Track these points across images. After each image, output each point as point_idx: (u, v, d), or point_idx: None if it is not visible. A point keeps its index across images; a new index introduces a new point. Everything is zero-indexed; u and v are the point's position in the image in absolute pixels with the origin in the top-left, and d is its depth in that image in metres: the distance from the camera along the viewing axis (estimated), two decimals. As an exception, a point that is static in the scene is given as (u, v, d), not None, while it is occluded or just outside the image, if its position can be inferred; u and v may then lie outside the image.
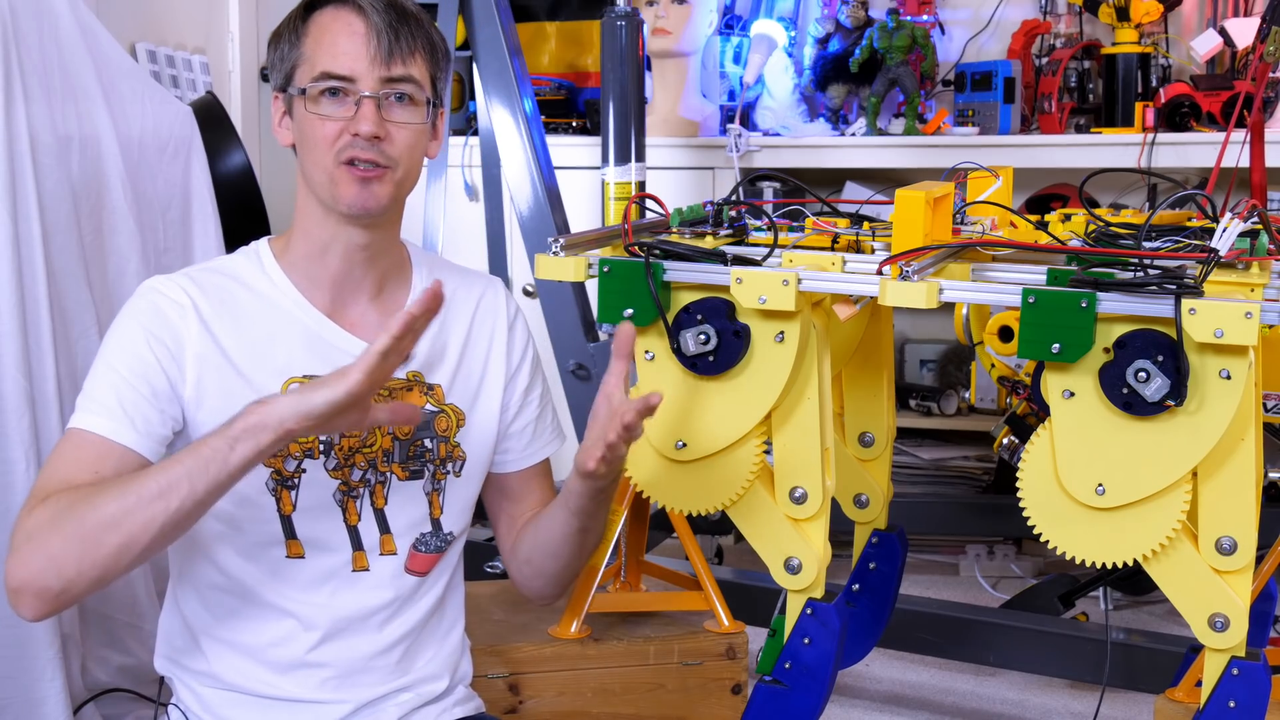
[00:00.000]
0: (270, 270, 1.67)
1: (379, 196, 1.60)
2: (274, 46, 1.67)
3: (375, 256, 1.67)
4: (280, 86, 1.65)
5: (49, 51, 2.40)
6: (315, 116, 1.60)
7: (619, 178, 3.17)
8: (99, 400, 1.56)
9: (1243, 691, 1.65)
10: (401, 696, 1.69)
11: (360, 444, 1.65)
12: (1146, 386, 1.56)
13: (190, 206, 2.71)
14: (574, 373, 3.11)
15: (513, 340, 1.79)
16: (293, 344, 1.63)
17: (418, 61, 1.62)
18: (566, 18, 4.04)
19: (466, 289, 1.77)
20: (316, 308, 1.65)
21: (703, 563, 2.20)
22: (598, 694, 2.10)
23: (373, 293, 1.68)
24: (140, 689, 2.55)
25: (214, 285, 1.64)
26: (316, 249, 1.65)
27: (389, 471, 1.67)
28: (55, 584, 1.43)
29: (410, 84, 1.61)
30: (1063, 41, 3.90)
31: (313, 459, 1.63)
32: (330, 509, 1.64)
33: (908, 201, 1.67)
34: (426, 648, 1.72)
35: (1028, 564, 3.75)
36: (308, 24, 1.63)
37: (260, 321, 1.63)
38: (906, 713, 2.94)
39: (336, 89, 1.59)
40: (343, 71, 1.59)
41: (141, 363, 1.58)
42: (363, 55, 1.59)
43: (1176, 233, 1.85)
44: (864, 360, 2.12)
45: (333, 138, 1.59)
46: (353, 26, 1.60)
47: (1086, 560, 1.66)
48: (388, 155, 1.60)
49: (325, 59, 1.60)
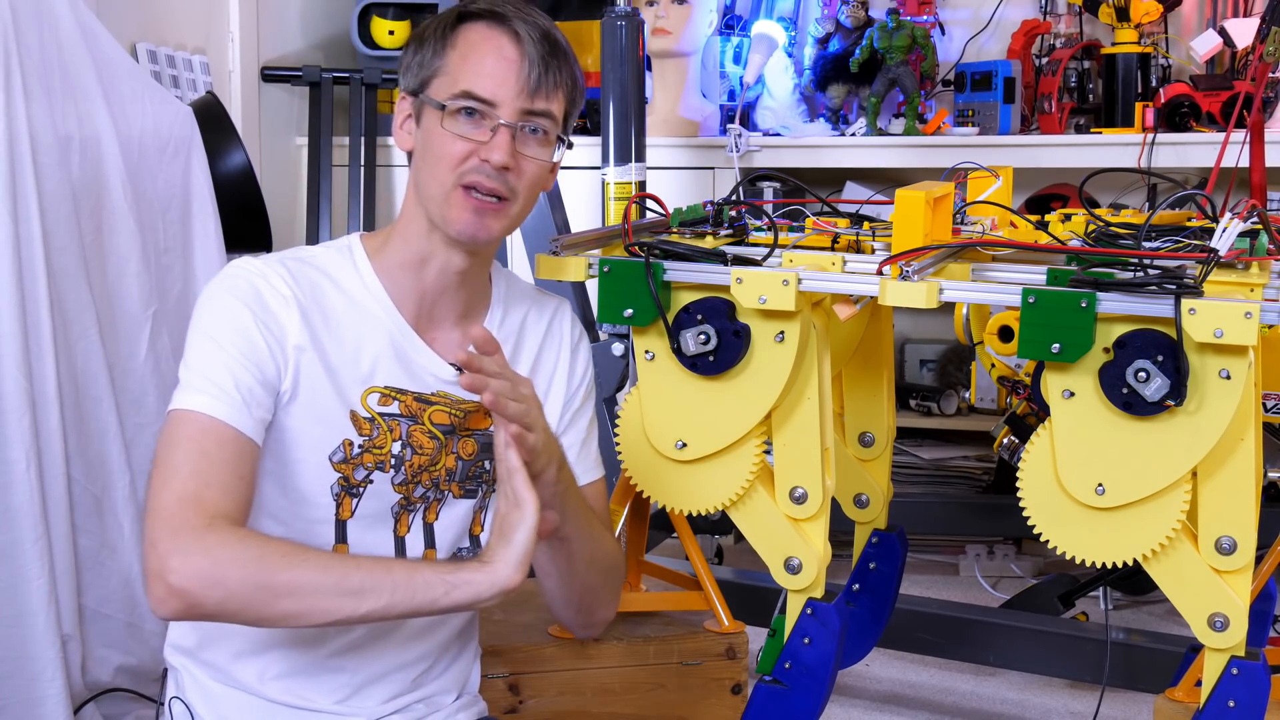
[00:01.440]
0: (364, 272, 1.62)
1: (490, 229, 1.57)
2: (416, 47, 1.60)
3: (468, 281, 1.63)
4: (413, 90, 1.59)
5: (49, 51, 2.40)
6: (447, 133, 1.55)
7: (619, 178, 3.17)
8: (214, 381, 1.50)
9: (1242, 691, 1.65)
10: (412, 711, 1.68)
11: (429, 463, 1.63)
12: (1146, 386, 1.57)
13: (190, 206, 2.71)
14: (574, 373, 3.11)
15: (575, 364, 1.75)
16: (379, 353, 1.60)
17: (559, 98, 1.58)
18: (566, 18, 4.04)
19: (538, 313, 1.73)
20: (404, 318, 1.61)
21: (703, 563, 2.20)
22: (598, 694, 2.10)
23: (458, 316, 1.65)
24: (140, 689, 2.55)
25: (308, 279, 1.59)
26: (415, 260, 1.60)
27: (448, 490, 1.65)
28: (212, 606, 1.42)
29: (548, 119, 1.57)
30: (1063, 41, 3.90)
31: (382, 472, 1.60)
32: (384, 519, 1.62)
33: (908, 201, 1.67)
34: (443, 664, 1.71)
35: (1028, 564, 3.75)
36: (456, 35, 1.57)
37: (349, 324, 1.59)
38: (906, 713, 2.93)
39: (475, 110, 1.55)
40: (486, 95, 1.54)
41: (252, 346, 1.52)
42: (510, 82, 1.54)
43: (1176, 233, 1.86)
44: (864, 360, 2.12)
45: (460, 158, 1.54)
46: (504, 51, 1.55)
47: (1086, 560, 1.67)
48: (510, 187, 1.56)
49: (470, 77, 1.55)
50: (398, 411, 1.60)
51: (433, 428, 1.62)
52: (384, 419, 1.59)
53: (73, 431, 2.42)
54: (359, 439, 1.58)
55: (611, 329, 3.09)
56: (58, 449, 2.36)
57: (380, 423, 1.59)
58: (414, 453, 1.61)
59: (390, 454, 1.60)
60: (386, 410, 1.59)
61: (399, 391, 1.60)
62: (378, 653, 1.64)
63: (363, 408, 1.58)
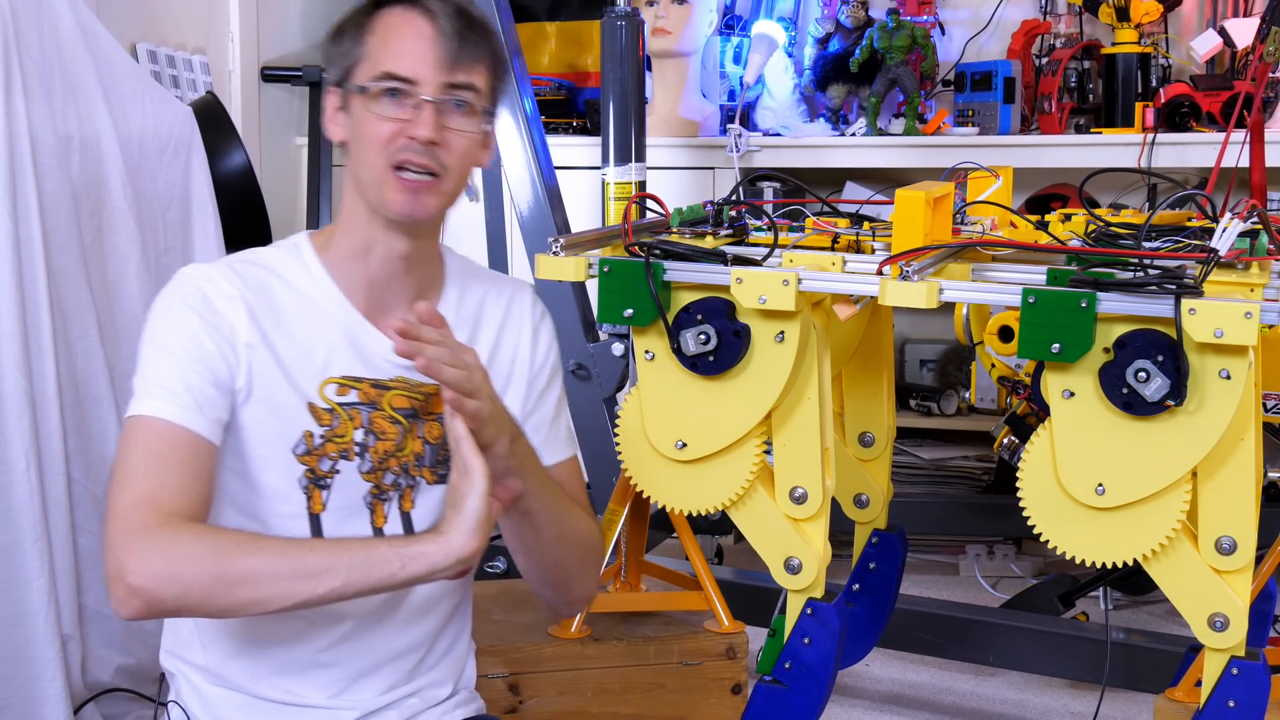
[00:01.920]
0: (311, 266, 1.64)
1: (428, 206, 1.59)
2: (335, 40, 1.63)
3: (415, 264, 1.65)
4: (337, 81, 1.62)
5: (49, 51, 2.40)
6: (373, 115, 1.57)
7: (619, 178, 3.17)
8: (166, 386, 1.53)
9: (1242, 691, 1.65)
10: (407, 703, 1.68)
11: (395, 448, 1.64)
12: (1146, 386, 1.57)
13: (190, 206, 2.71)
14: (574, 373, 3.11)
15: (537, 343, 1.76)
16: (332, 344, 1.62)
17: (481, 70, 1.60)
18: (566, 18, 4.04)
19: (497, 294, 1.75)
20: (356, 308, 1.64)
21: (703, 563, 2.20)
22: (598, 694, 2.10)
23: (410, 299, 1.66)
24: (140, 689, 2.55)
25: (255, 278, 1.62)
26: (359, 249, 1.63)
27: (419, 476, 1.66)
28: (171, 602, 1.45)
29: (471, 92, 1.59)
30: (1063, 41, 3.90)
31: (348, 460, 1.62)
32: (359, 511, 1.63)
33: (908, 201, 1.67)
34: (436, 655, 1.71)
35: (1028, 564, 3.75)
36: (373, 21, 1.61)
37: (300, 319, 1.62)
38: (906, 713, 2.94)
39: (397, 90, 1.57)
40: (406, 73, 1.57)
41: (200, 349, 1.55)
42: (428, 59, 1.57)
43: (1176, 233, 1.86)
44: (864, 360, 2.12)
45: (387, 138, 1.57)
46: (420, 29, 1.58)
47: (1086, 560, 1.67)
48: (441, 162, 1.58)
49: (389, 59, 1.58)
50: (357, 400, 1.62)
51: (393, 412, 1.64)
52: (343, 408, 1.61)
53: (73, 431, 2.42)
54: (319, 429, 1.60)
55: (611, 329, 3.09)
56: (58, 449, 2.36)
57: (340, 412, 1.61)
58: (377, 439, 1.62)
59: (354, 442, 1.61)
60: (345, 400, 1.62)
61: (355, 380, 1.62)
62: (368, 646, 1.64)
63: (321, 399, 1.60)
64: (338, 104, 1.63)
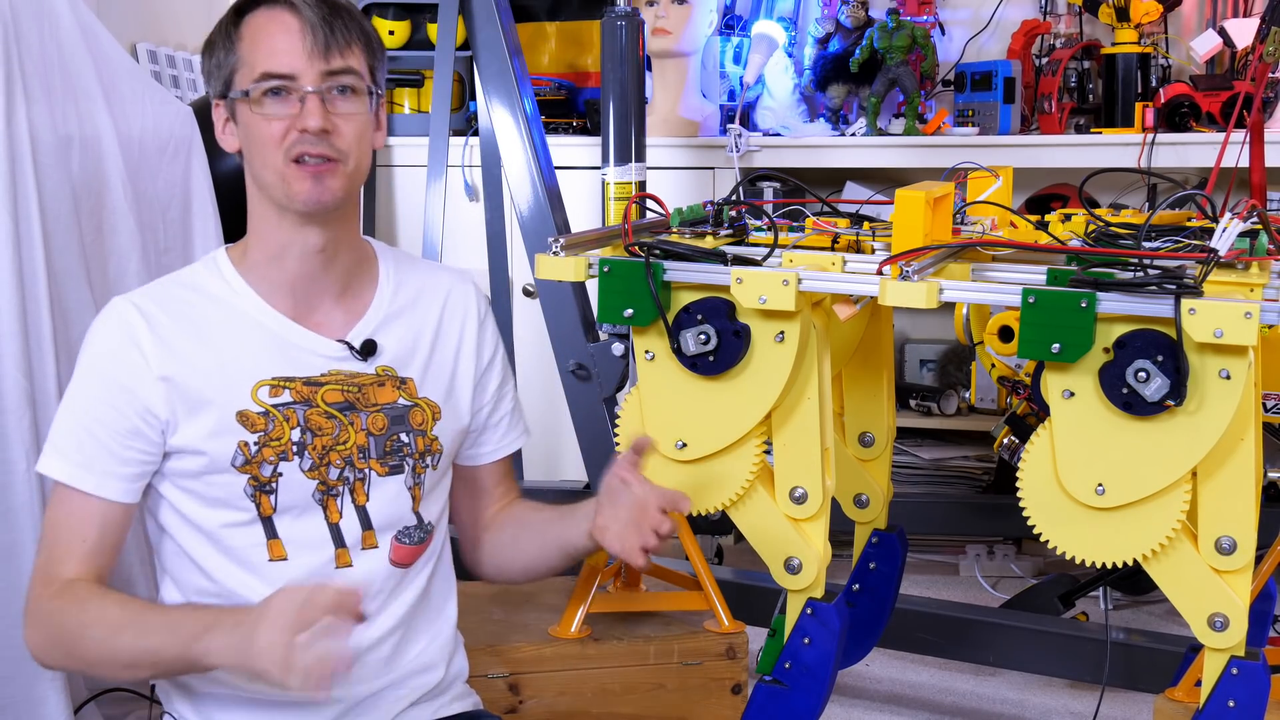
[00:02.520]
0: (230, 278, 1.67)
1: (333, 190, 1.61)
2: (209, 54, 1.67)
3: (334, 256, 1.67)
4: (220, 93, 1.65)
5: (49, 51, 2.40)
6: (260, 117, 1.60)
7: (619, 178, 3.17)
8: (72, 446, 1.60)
9: (1242, 691, 1.65)
10: (394, 693, 1.69)
11: (334, 442, 1.65)
12: (1146, 386, 1.57)
13: (190, 206, 2.71)
14: (574, 373, 3.11)
15: (483, 336, 1.80)
16: (258, 349, 1.64)
17: (355, 53, 1.62)
18: (566, 18, 4.04)
19: (434, 283, 1.78)
20: (280, 312, 1.66)
21: (703, 563, 2.20)
22: (598, 694, 2.10)
23: (337, 292, 1.68)
24: (140, 689, 2.55)
25: (173, 299, 1.65)
26: (274, 253, 1.65)
27: (367, 468, 1.67)
28: (56, 666, 1.66)
29: (351, 75, 1.62)
30: (1063, 41, 3.90)
31: (287, 461, 1.63)
32: (310, 508, 1.64)
33: (908, 201, 1.67)
34: (418, 639, 1.72)
35: (1028, 564, 3.75)
36: (240, 28, 1.63)
37: (223, 330, 1.64)
38: (906, 713, 2.94)
39: (279, 88, 1.59)
40: (283, 70, 1.59)
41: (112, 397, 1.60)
42: (300, 51, 1.59)
43: (1176, 233, 1.85)
44: (864, 360, 2.12)
45: (280, 136, 1.59)
46: (287, 25, 1.60)
47: (1086, 560, 1.67)
48: (337, 148, 1.60)
49: (264, 59, 1.60)
50: (290, 399, 1.64)
51: (327, 407, 1.65)
52: (278, 409, 1.63)
53: (73, 431, 2.41)
54: (253, 436, 1.61)
55: (611, 329, 3.09)
56: (58, 449, 2.36)
57: (275, 414, 1.63)
58: (314, 435, 1.64)
59: (291, 442, 1.63)
60: (279, 400, 1.63)
61: (286, 380, 1.64)
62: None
63: (254, 403, 1.62)
64: (225, 116, 1.66)
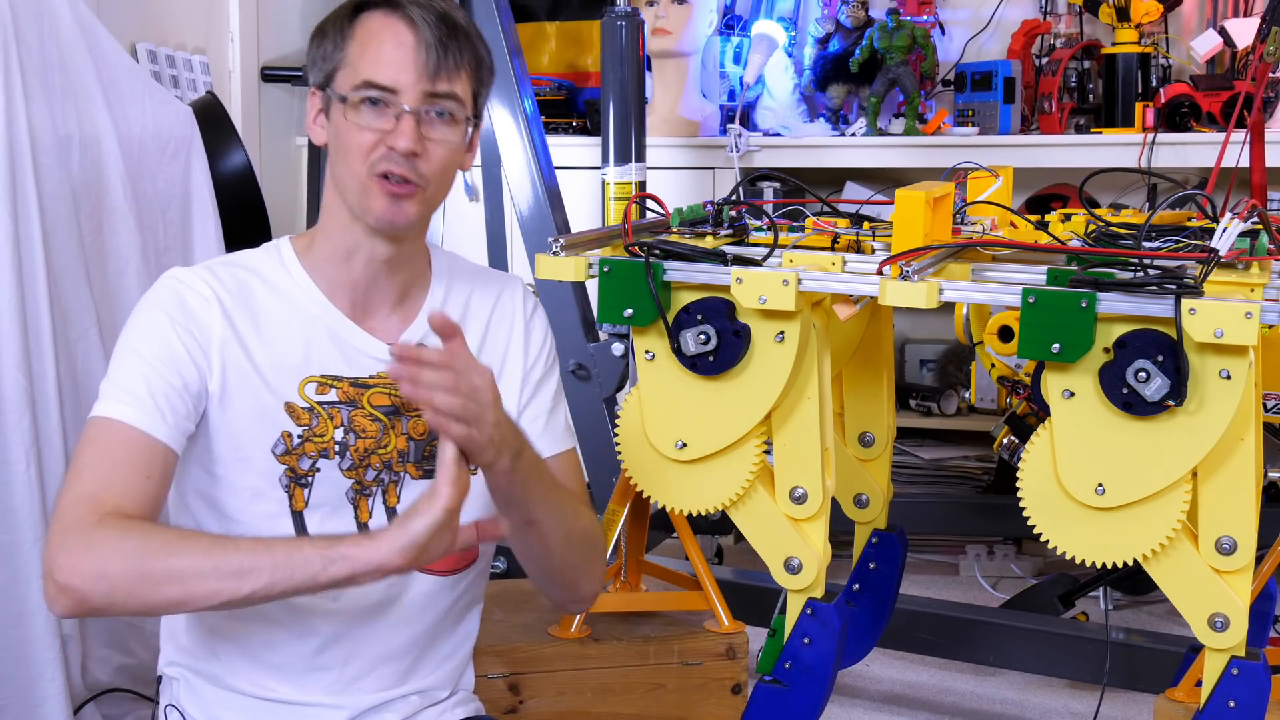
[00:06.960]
0: (292, 269, 1.64)
1: (408, 214, 1.58)
2: (316, 43, 1.62)
3: (398, 267, 1.65)
4: (320, 85, 1.61)
5: (49, 51, 2.40)
6: (353, 125, 1.56)
7: (619, 178, 3.17)
8: (129, 390, 1.53)
9: (1242, 691, 1.65)
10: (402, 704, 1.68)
11: (376, 445, 1.64)
12: (1146, 386, 1.57)
13: (190, 206, 2.71)
14: (574, 373, 3.11)
15: (530, 336, 1.75)
16: (313, 342, 1.62)
17: (463, 78, 1.58)
18: (566, 18, 4.04)
19: (483, 290, 1.74)
20: (338, 309, 1.64)
21: (703, 563, 2.20)
22: (598, 694, 2.10)
23: (395, 301, 1.66)
24: (140, 689, 2.55)
25: (235, 280, 1.62)
26: (340, 253, 1.63)
27: (403, 471, 1.66)
28: (99, 600, 1.44)
29: (453, 101, 1.58)
30: (1063, 41, 3.90)
31: (328, 459, 1.61)
32: (342, 506, 1.63)
33: (908, 201, 1.67)
34: (433, 659, 1.71)
35: (1028, 564, 3.75)
36: (354, 26, 1.59)
37: (280, 319, 1.61)
38: (906, 713, 2.94)
39: (377, 99, 1.56)
40: (386, 82, 1.55)
41: (170, 353, 1.55)
42: (409, 68, 1.55)
43: (1176, 233, 1.86)
44: (864, 360, 2.12)
45: (369, 148, 1.56)
46: (401, 37, 1.56)
47: (1086, 560, 1.67)
48: (420, 173, 1.57)
49: (369, 67, 1.56)
50: (336, 399, 1.62)
51: (373, 410, 1.63)
52: (323, 407, 1.61)
53: (73, 431, 2.41)
54: (297, 429, 1.60)
55: (611, 329, 3.09)
56: (58, 449, 2.36)
57: (320, 411, 1.61)
58: (357, 437, 1.62)
59: (334, 440, 1.61)
60: (325, 398, 1.61)
61: (335, 379, 1.62)
62: (361, 648, 1.64)
63: (300, 398, 1.60)
64: (319, 106, 1.63)
